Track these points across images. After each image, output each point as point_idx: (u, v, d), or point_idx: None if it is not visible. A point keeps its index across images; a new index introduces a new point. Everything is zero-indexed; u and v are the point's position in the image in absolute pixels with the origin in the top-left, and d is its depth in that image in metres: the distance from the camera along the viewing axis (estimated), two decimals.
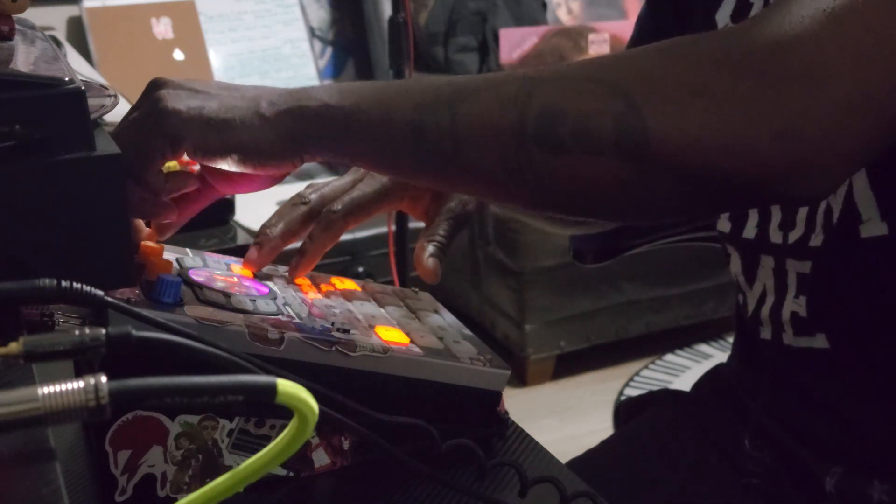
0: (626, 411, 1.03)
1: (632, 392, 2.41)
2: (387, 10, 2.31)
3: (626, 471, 0.91)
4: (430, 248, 0.71)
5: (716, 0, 0.80)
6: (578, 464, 0.91)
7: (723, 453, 0.87)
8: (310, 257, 0.68)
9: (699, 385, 0.97)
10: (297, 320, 0.59)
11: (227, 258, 0.69)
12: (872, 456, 0.76)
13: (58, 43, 1.27)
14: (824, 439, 0.78)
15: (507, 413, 0.66)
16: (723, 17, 0.80)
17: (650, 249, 1.10)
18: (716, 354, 2.58)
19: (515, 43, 2.60)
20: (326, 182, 0.72)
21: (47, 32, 1.13)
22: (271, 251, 0.67)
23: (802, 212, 0.75)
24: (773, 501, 0.81)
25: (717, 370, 0.96)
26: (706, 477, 0.87)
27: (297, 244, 0.69)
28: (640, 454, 0.93)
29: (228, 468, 0.48)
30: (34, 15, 0.59)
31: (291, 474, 0.59)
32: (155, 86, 0.59)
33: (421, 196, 0.74)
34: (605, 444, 0.97)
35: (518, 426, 0.68)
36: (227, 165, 0.58)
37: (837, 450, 0.77)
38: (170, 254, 0.64)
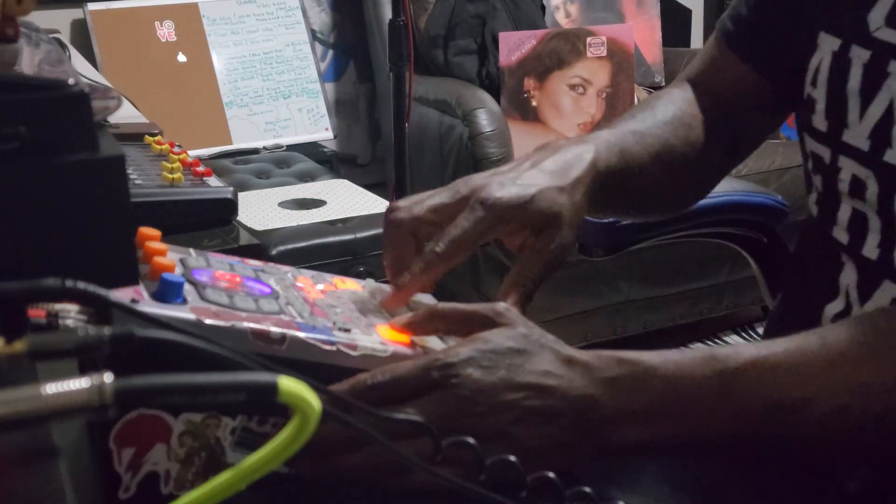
0: None
1: None
2: (387, 13, 2.32)
3: (626, 469, 0.91)
4: (514, 297, 0.70)
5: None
6: None
7: None
8: (406, 293, 0.70)
9: None
10: (298, 320, 0.60)
11: (230, 258, 0.69)
12: None
13: (62, 45, 1.27)
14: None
15: None
16: (876, 18, 0.75)
17: (650, 247, 1.10)
18: None
19: (514, 46, 2.60)
20: (426, 195, 0.73)
21: (51, 35, 1.13)
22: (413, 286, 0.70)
23: None
24: (768, 499, 0.82)
25: None
26: (705, 474, 0.87)
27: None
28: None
29: (231, 466, 0.48)
30: (39, 17, 0.59)
31: (294, 472, 0.60)
32: None
33: (519, 231, 0.74)
34: None
35: None
36: None
37: None
38: (173, 254, 0.65)
